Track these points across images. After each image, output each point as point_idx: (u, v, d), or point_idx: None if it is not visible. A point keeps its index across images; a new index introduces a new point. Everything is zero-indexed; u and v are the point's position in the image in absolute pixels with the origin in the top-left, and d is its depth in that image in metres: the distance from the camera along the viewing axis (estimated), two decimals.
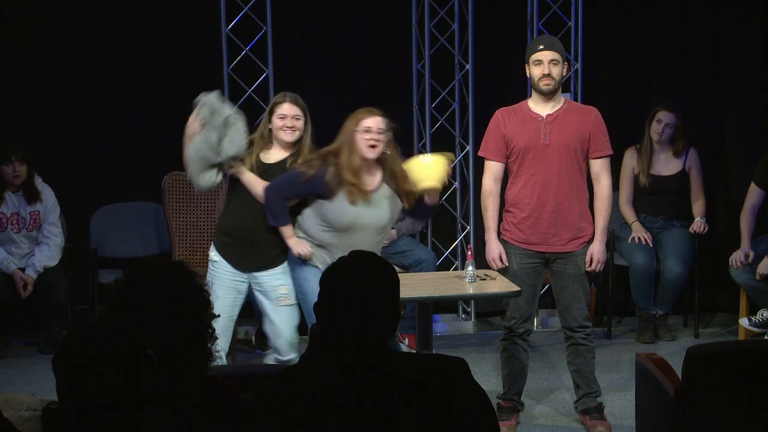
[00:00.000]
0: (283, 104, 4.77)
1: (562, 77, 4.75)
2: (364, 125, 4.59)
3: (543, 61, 4.69)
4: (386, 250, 6.24)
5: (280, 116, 4.75)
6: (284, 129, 4.74)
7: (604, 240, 4.84)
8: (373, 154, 4.59)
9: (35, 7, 6.63)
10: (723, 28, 6.99)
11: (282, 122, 4.74)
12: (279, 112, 4.76)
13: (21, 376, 5.85)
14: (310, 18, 6.87)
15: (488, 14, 6.92)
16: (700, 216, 6.46)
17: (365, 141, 4.58)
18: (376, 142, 4.58)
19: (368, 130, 4.58)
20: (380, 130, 4.59)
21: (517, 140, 4.74)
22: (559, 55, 4.71)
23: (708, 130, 7.04)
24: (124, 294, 2.59)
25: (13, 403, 2.77)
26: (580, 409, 4.95)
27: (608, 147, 4.82)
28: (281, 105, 4.77)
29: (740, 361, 3.48)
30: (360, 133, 4.59)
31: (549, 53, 4.69)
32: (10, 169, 6.10)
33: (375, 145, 4.58)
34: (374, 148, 4.58)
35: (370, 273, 2.55)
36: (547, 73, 4.68)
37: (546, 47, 4.71)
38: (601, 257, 4.81)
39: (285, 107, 4.76)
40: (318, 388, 2.46)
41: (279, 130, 4.76)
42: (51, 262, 6.17)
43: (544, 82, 4.69)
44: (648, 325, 6.43)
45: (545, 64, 4.69)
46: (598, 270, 4.86)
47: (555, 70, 4.69)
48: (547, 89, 4.70)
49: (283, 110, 4.75)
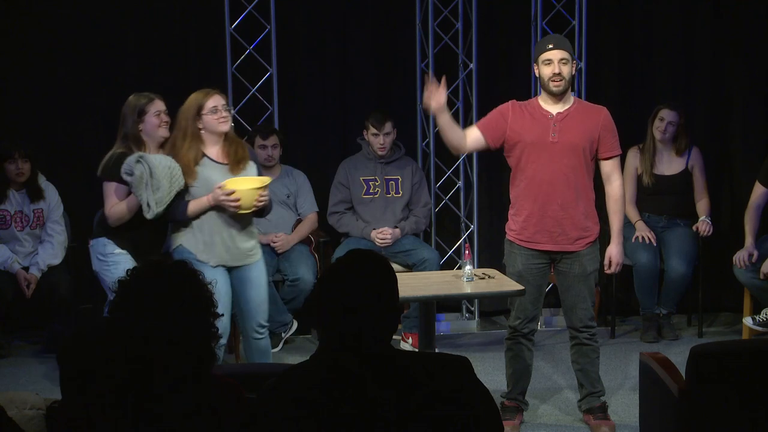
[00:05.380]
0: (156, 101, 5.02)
1: (572, 76, 4.73)
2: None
3: (553, 60, 4.64)
4: (390, 249, 6.25)
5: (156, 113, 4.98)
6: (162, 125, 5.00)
7: (620, 241, 4.84)
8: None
9: (38, 6, 6.64)
10: (726, 27, 6.98)
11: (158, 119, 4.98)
12: (155, 109, 4.97)
13: (25, 375, 5.85)
14: (314, 17, 6.87)
15: (492, 13, 6.91)
16: (704, 215, 6.45)
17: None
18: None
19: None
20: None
21: (526, 135, 4.71)
22: (568, 54, 4.67)
23: (712, 128, 7.03)
24: (129, 293, 2.59)
25: (17, 401, 2.77)
26: (584, 409, 4.95)
27: (618, 147, 4.79)
28: (154, 102, 4.99)
29: (744, 361, 3.48)
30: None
31: (559, 52, 4.65)
32: (13, 166, 6.10)
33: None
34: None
35: (367, 271, 2.54)
36: (557, 72, 4.63)
37: (555, 46, 4.67)
38: (619, 259, 4.82)
39: (159, 104, 5.00)
40: (321, 387, 2.46)
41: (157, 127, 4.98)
42: (55, 261, 6.17)
43: (554, 82, 4.65)
44: (652, 325, 6.43)
45: (555, 64, 4.64)
46: (617, 272, 4.88)
47: (565, 69, 4.65)
48: (556, 89, 4.66)
49: (159, 107, 4.98)
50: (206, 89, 4.88)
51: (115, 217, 4.91)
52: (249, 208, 4.76)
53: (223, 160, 4.87)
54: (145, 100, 4.96)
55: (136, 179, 4.70)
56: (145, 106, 4.94)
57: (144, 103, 4.95)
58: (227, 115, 4.84)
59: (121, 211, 4.89)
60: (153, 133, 4.94)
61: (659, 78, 7.03)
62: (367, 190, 6.37)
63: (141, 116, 4.93)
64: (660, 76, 7.04)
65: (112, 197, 4.92)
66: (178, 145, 4.80)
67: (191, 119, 4.80)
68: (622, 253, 4.86)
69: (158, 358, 2.42)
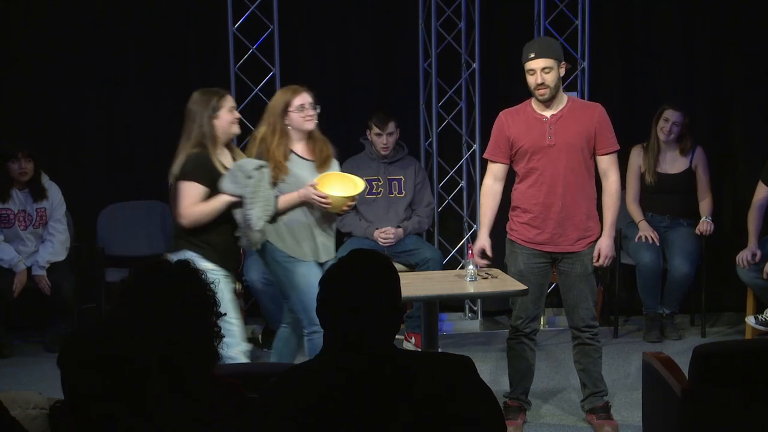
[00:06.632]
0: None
1: (560, 79, 4.68)
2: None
3: (535, 70, 4.63)
4: (393, 249, 6.25)
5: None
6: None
7: (612, 235, 4.82)
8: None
9: (41, 6, 6.64)
10: (728, 26, 6.97)
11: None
12: (228, 105, 4.70)
13: (27, 375, 5.85)
14: (316, 17, 6.87)
15: (495, 13, 6.91)
16: (706, 215, 6.45)
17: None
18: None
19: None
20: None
21: (523, 142, 4.72)
22: (552, 60, 4.62)
23: (714, 128, 7.01)
24: (131, 293, 2.59)
25: (20, 401, 2.77)
26: (587, 409, 4.95)
27: (614, 143, 4.79)
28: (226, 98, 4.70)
29: (747, 360, 3.48)
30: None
31: (541, 61, 4.62)
32: (16, 166, 6.11)
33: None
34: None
35: (369, 271, 2.54)
36: (540, 83, 4.63)
37: (537, 55, 4.64)
38: (609, 252, 4.78)
39: (230, 100, 4.73)
40: (322, 387, 2.46)
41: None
42: (55, 258, 6.17)
43: (539, 91, 4.66)
44: (655, 324, 6.42)
45: (538, 74, 4.63)
46: (606, 265, 4.84)
47: (549, 77, 4.62)
48: (542, 98, 4.67)
49: (231, 103, 4.71)
50: (295, 86, 4.87)
51: (193, 218, 4.53)
52: (336, 211, 4.84)
53: (310, 157, 4.88)
54: (217, 97, 4.63)
55: (251, 189, 4.48)
56: (218, 102, 4.62)
57: (217, 99, 4.63)
58: (313, 114, 4.84)
59: (201, 213, 4.52)
60: (226, 130, 4.64)
61: (661, 77, 7.02)
62: (370, 190, 6.37)
63: (215, 112, 4.60)
64: (662, 76, 7.03)
65: (190, 197, 4.52)
66: (268, 141, 4.79)
67: (278, 116, 4.80)
68: (612, 246, 4.81)
69: (158, 357, 2.42)
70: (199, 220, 4.53)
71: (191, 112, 4.63)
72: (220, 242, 4.58)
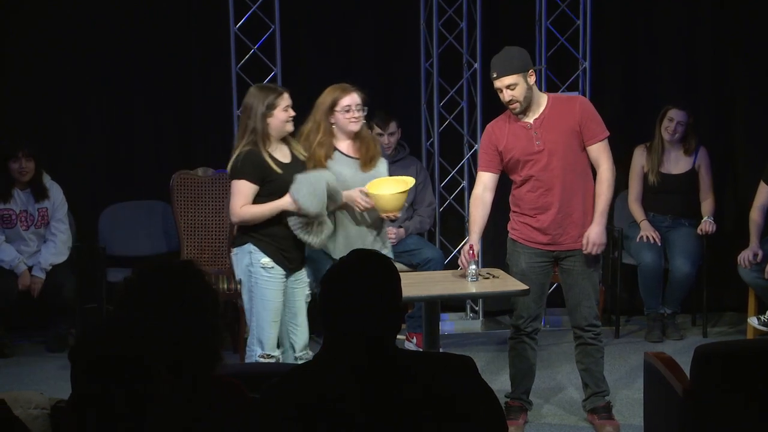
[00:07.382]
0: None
1: (530, 87, 4.63)
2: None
3: (501, 89, 4.64)
4: (394, 249, 6.23)
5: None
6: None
7: (602, 222, 4.72)
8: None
9: (41, 6, 6.64)
10: (730, 26, 6.97)
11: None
12: (284, 103, 4.65)
13: (29, 375, 5.85)
14: (318, 17, 6.86)
15: (497, 13, 6.90)
16: (708, 215, 6.44)
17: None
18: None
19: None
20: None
21: (513, 152, 4.71)
22: (514, 76, 4.59)
23: (716, 128, 7.01)
24: (133, 293, 2.59)
25: (22, 401, 2.78)
26: (589, 408, 4.95)
27: (601, 131, 4.74)
28: (283, 96, 4.67)
29: (748, 360, 3.48)
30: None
31: (505, 79, 4.60)
32: (17, 165, 6.10)
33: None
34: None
35: (369, 271, 2.54)
36: (508, 100, 4.64)
37: (499, 74, 4.62)
38: (597, 240, 4.67)
39: (287, 97, 4.70)
40: (324, 387, 2.46)
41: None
42: (57, 259, 6.17)
43: (510, 107, 4.67)
44: (656, 324, 6.42)
45: (504, 92, 4.63)
46: (595, 253, 4.71)
47: (516, 93, 4.60)
48: (515, 112, 4.67)
49: (287, 101, 4.68)
50: (344, 84, 4.85)
51: (244, 218, 4.58)
52: (387, 213, 4.83)
53: (355, 155, 4.87)
54: (274, 94, 4.61)
55: (317, 210, 4.54)
56: (275, 100, 4.59)
57: (273, 96, 4.60)
58: (359, 116, 4.82)
59: (253, 215, 4.57)
60: (281, 128, 4.63)
61: (663, 77, 7.02)
62: None
63: (270, 110, 4.58)
64: (664, 76, 7.02)
65: (241, 196, 4.55)
66: (312, 139, 4.78)
67: (325, 113, 4.78)
68: (602, 234, 4.70)
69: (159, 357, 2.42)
70: (250, 220, 4.59)
71: (247, 106, 4.63)
72: (281, 235, 4.64)
